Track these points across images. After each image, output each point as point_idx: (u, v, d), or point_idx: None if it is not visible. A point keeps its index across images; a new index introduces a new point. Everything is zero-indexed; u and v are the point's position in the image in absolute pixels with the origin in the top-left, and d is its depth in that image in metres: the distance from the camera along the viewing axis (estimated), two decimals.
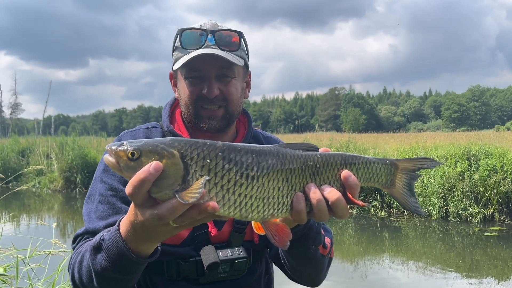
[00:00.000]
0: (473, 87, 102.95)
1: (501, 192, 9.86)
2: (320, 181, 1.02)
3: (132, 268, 1.09)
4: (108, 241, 1.09)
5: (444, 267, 7.48)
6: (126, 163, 0.88)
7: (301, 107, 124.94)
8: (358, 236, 9.73)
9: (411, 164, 1.13)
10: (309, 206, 1.01)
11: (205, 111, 1.43)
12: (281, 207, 0.98)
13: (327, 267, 1.47)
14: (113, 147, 0.90)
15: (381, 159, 1.11)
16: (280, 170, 0.96)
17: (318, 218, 1.02)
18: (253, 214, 0.95)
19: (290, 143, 1.03)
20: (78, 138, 18.98)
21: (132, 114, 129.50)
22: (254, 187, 0.93)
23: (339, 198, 1.00)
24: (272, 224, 1.00)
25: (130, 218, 0.99)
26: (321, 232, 1.34)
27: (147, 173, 0.84)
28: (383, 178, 1.11)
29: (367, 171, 1.08)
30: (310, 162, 1.01)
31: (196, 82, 1.42)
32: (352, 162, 1.06)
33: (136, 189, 0.86)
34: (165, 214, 0.87)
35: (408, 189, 1.14)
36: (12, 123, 61.90)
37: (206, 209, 0.86)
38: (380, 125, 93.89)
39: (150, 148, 0.88)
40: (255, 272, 1.55)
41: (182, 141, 0.90)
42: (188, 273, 1.41)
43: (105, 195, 1.39)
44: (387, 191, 1.14)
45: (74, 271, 1.24)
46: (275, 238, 0.99)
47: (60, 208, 14.29)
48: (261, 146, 0.97)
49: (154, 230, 0.95)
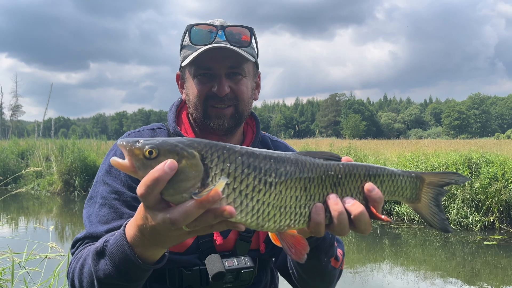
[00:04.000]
0: (474, 95, 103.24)
1: (502, 200, 9.81)
2: (341, 193, 0.96)
3: (137, 275, 1.03)
4: (112, 246, 1.02)
5: (444, 275, 7.42)
6: (143, 162, 0.81)
7: (302, 112, 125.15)
8: (358, 243, 9.67)
9: (438, 178, 1.06)
10: (328, 219, 0.95)
11: (214, 110, 1.38)
12: (299, 217, 0.92)
13: (337, 279, 1.41)
14: (128, 144, 0.82)
15: (406, 171, 1.04)
16: (298, 178, 0.91)
17: (338, 232, 0.95)
18: (270, 224, 0.89)
19: (310, 151, 0.97)
20: (78, 141, 18.92)
21: (133, 118, 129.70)
22: (272, 194, 0.87)
23: (363, 211, 0.94)
24: (288, 235, 0.94)
25: (138, 222, 0.91)
26: (334, 244, 1.28)
27: (162, 172, 0.77)
28: (408, 192, 1.04)
29: (392, 184, 1.02)
30: (331, 172, 0.95)
31: (205, 80, 1.38)
32: (376, 174, 0.99)
33: (150, 189, 0.79)
34: (178, 219, 0.80)
35: (435, 205, 1.06)
36: (12, 125, 61.91)
37: (222, 213, 0.79)
38: (380, 131, 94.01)
39: (169, 148, 0.81)
40: (261, 283, 1.49)
41: (202, 142, 0.84)
42: (191, 282, 1.35)
43: (108, 198, 1.32)
44: (411, 206, 1.08)
45: (74, 277, 1.17)
46: (292, 250, 0.94)
47: (58, 211, 14.23)
48: (279, 153, 0.92)
49: (165, 234, 0.87)
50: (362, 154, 13.94)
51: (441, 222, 1.07)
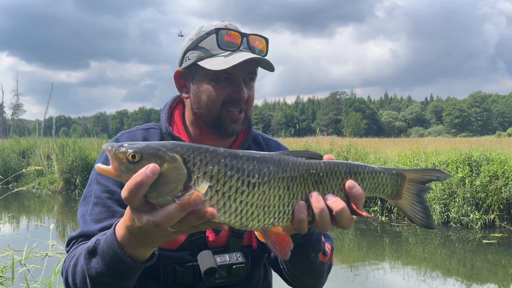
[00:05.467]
0: (475, 93, 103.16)
1: (503, 198, 9.82)
2: (323, 190, 0.98)
3: (128, 273, 1.06)
4: (103, 245, 1.06)
5: (444, 273, 7.44)
6: (126, 166, 0.84)
7: (302, 111, 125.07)
8: (358, 241, 9.69)
9: (419, 175, 1.08)
10: (311, 216, 0.97)
11: (229, 115, 1.40)
12: (282, 216, 0.94)
13: (327, 273, 1.44)
14: (112, 148, 0.85)
15: (387, 168, 1.06)
16: (281, 177, 0.93)
17: (320, 228, 0.98)
18: (254, 223, 0.91)
19: (292, 150, 0.99)
20: (79, 139, 18.96)
21: (133, 116, 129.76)
22: (255, 194, 0.89)
23: (344, 208, 0.96)
24: (273, 233, 0.96)
25: (126, 223, 0.95)
26: (321, 239, 1.31)
27: (144, 176, 0.81)
28: (389, 189, 1.06)
29: (372, 181, 1.04)
30: (312, 170, 0.97)
31: (226, 85, 1.39)
32: (357, 171, 1.01)
33: (133, 192, 0.82)
34: (161, 221, 0.83)
35: (417, 201, 1.08)
36: (13, 124, 62.04)
37: (204, 215, 0.82)
38: (381, 130, 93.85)
39: (151, 152, 0.83)
40: (253, 278, 1.52)
41: (185, 145, 0.86)
42: (185, 279, 1.38)
43: (101, 197, 1.36)
44: (393, 202, 1.09)
45: (68, 275, 1.21)
46: (276, 247, 0.96)
47: (59, 209, 14.27)
48: (262, 153, 0.94)
49: (152, 235, 0.91)
50: (363, 152, 13.93)
51: (423, 219, 1.08)
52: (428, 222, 1.08)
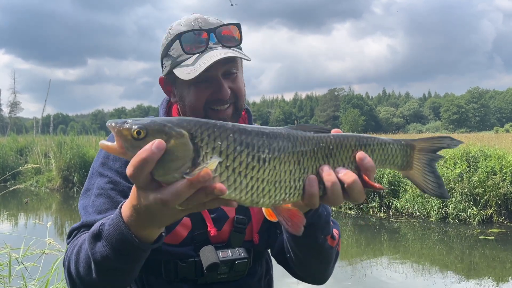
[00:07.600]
0: (472, 89, 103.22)
1: (500, 194, 9.83)
2: (333, 163, 0.96)
3: (135, 256, 1.02)
4: (108, 228, 1.02)
5: (442, 268, 7.46)
6: (131, 143, 0.80)
7: (300, 107, 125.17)
8: (357, 237, 9.70)
9: (429, 144, 1.05)
10: (322, 190, 0.95)
11: (215, 113, 1.37)
12: (293, 191, 0.92)
13: (334, 261, 1.41)
14: (116, 125, 0.81)
15: (396, 140, 1.04)
16: (291, 152, 0.91)
17: (332, 202, 0.95)
18: (265, 200, 0.89)
19: (300, 124, 0.97)
20: (76, 137, 18.90)
21: (131, 114, 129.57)
22: (266, 170, 0.87)
23: (356, 180, 0.94)
24: (284, 209, 0.95)
25: (133, 202, 0.91)
26: (329, 222, 1.28)
27: (150, 152, 0.77)
28: (399, 160, 1.04)
29: (382, 152, 1.02)
30: (322, 144, 0.95)
31: (204, 86, 1.35)
32: (366, 143, 1.00)
33: (138, 169, 0.79)
34: (169, 199, 0.80)
35: (429, 171, 1.05)
36: (11, 122, 61.84)
37: (213, 191, 0.79)
38: (379, 126, 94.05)
39: (157, 127, 0.80)
40: (256, 274, 1.51)
41: (192, 120, 0.83)
42: (187, 274, 1.37)
43: (104, 188, 1.32)
44: (404, 174, 1.07)
45: (71, 263, 1.16)
46: (288, 223, 0.94)
47: (57, 207, 14.25)
48: (271, 128, 0.91)
49: (159, 214, 0.87)
50: None
51: (435, 188, 1.05)
52: (441, 192, 1.06)
